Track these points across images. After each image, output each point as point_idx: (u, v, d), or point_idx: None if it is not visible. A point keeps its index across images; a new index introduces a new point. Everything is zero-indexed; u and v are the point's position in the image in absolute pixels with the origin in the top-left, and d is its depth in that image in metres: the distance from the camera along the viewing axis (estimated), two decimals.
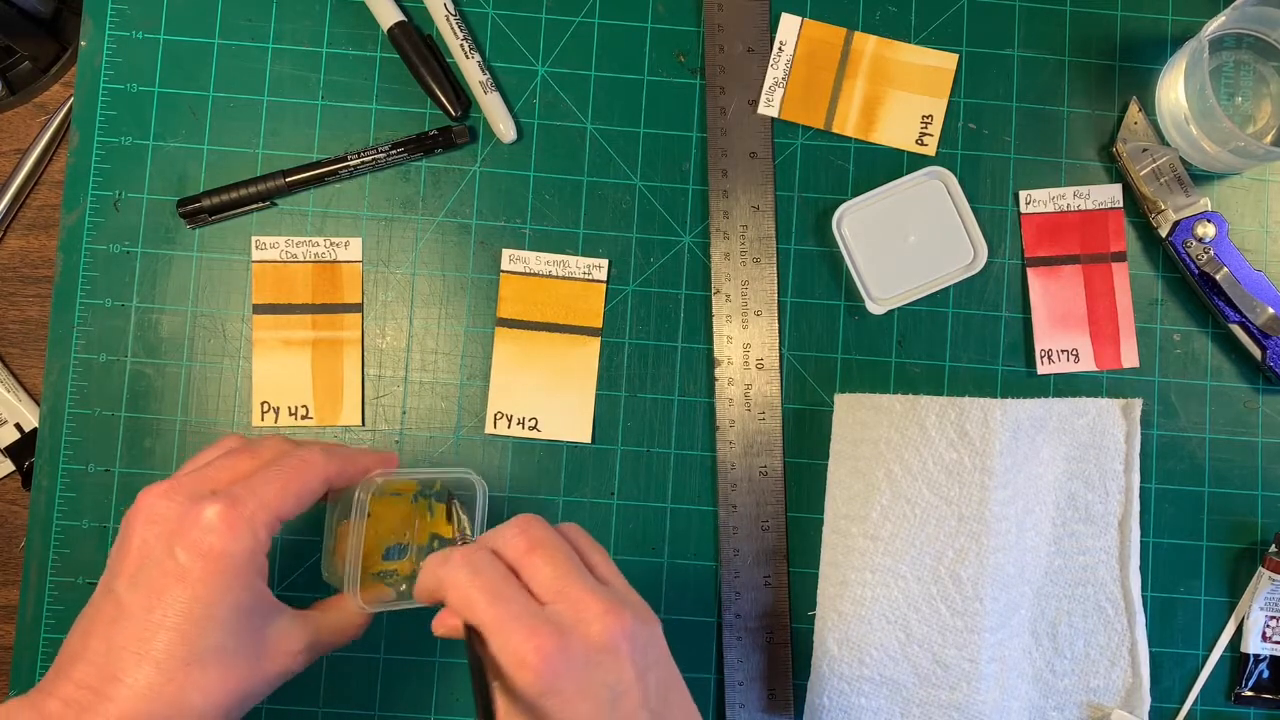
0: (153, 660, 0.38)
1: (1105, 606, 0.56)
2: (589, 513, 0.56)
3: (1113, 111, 0.59)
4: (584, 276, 0.57)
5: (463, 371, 0.57)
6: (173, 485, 0.41)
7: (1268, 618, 0.56)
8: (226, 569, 0.39)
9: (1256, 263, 0.58)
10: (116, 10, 0.57)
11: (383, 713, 0.55)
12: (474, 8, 0.58)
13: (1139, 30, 0.59)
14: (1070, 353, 0.57)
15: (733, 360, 0.57)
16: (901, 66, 0.58)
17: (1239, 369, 0.58)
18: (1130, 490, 0.56)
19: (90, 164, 0.57)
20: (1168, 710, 0.56)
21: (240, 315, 0.57)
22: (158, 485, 0.41)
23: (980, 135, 0.58)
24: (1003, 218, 0.58)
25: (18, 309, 0.59)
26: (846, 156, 0.58)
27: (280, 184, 0.56)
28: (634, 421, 0.57)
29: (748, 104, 0.58)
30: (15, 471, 0.58)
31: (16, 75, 0.59)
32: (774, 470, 0.56)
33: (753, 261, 0.57)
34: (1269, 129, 0.58)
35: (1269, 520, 0.57)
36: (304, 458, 0.43)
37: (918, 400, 0.54)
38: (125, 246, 0.57)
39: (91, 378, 0.56)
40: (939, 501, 0.53)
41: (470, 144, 0.58)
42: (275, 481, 0.42)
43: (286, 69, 0.58)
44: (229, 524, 0.40)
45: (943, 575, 0.52)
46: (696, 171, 0.58)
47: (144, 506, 0.41)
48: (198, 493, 0.41)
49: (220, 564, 0.39)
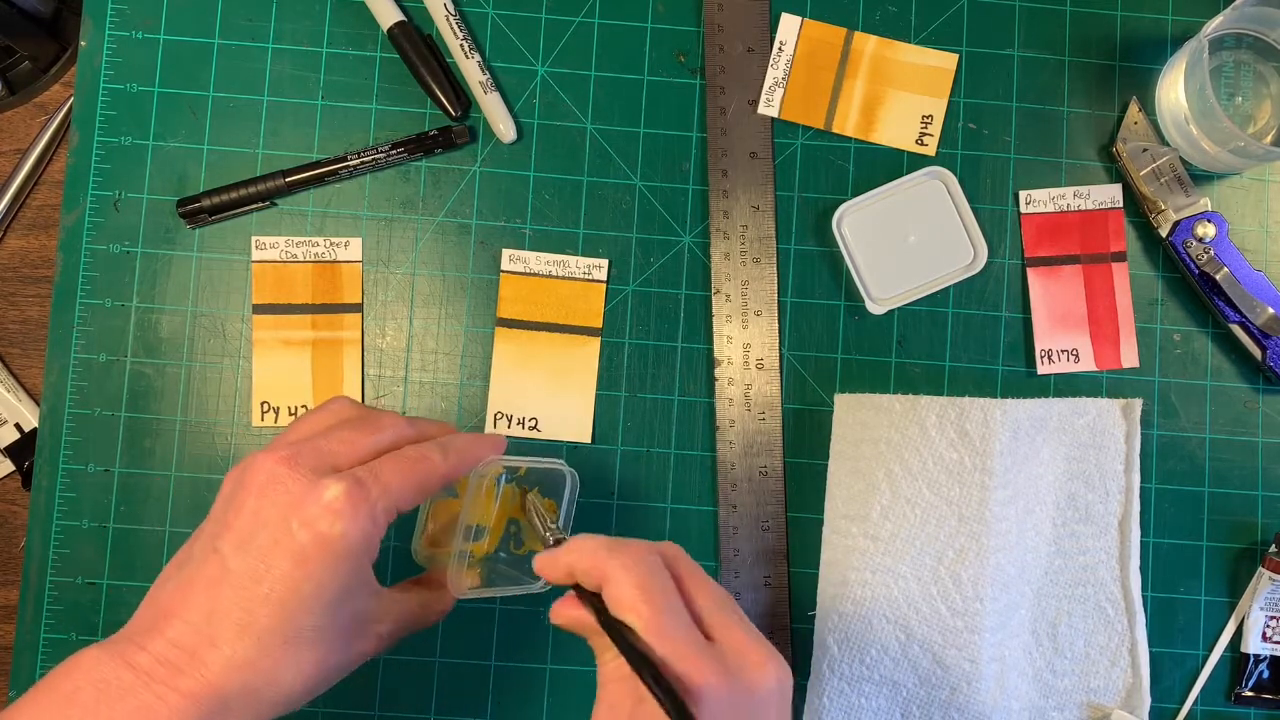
0: (254, 633, 0.37)
1: (1105, 606, 0.56)
2: (589, 513, 0.56)
3: (1113, 111, 0.59)
4: (584, 276, 0.57)
5: (463, 371, 0.57)
6: (294, 455, 0.39)
7: (1268, 618, 0.56)
8: (342, 553, 0.38)
9: (1256, 263, 0.58)
10: (116, 10, 0.57)
11: (383, 713, 0.55)
12: (474, 8, 0.58)
13: (1139, 30, 0.59)
14: (1070, 353, 0.57)
15: (733, 360, 0.57)
16: (901, 66, 0.58)
17: (1239, 369, 0.58)
18: (1130, 490, 0.56)
19: (90, 164, 0.57)
20: (1168, 710, 0.56)
21: (240, 315, 0.57)
22: (276, 450, 0.40)
23: (980, 135, 0.58)
24: (1003, 218, 0.58)
25: (18, 309, 0.59)
26: (846, 156, 0.58)
27: (280, 184, 0.56)
28: (634, 421, 0.57)
29: (748, 104, 0.58)
30: (15, 471, 0.58)
31: (16, 75, 0.59)
32: (774, 470, 0.56)
33: (753, 261, 0.57)
34: (1269, 129, 0.58)
35: (1269, 520, 0.57)
36: (427, 455, 0.42)
37: (918, 400, 0.54)
38: (125, 246, 0.57)
39: (91, 378, 0.56)
40: (939, 501, 0.53)
41: (470, 144, 0.58)
42: (400, 474, 0.40)
43: (286, 69, 0.58)
44: (353, 508, 0.38)
45: (943, 575, 0.52)
46: (696, 171, 0.58)
47: (262, 471, 0.39)
48: (320, 468, 0.39)
49: (337, 547, 0.38)
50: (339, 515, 0.38)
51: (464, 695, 0.55)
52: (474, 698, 0.55)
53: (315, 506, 0.38)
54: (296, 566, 0.38)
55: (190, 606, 0.38)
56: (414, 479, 0.41)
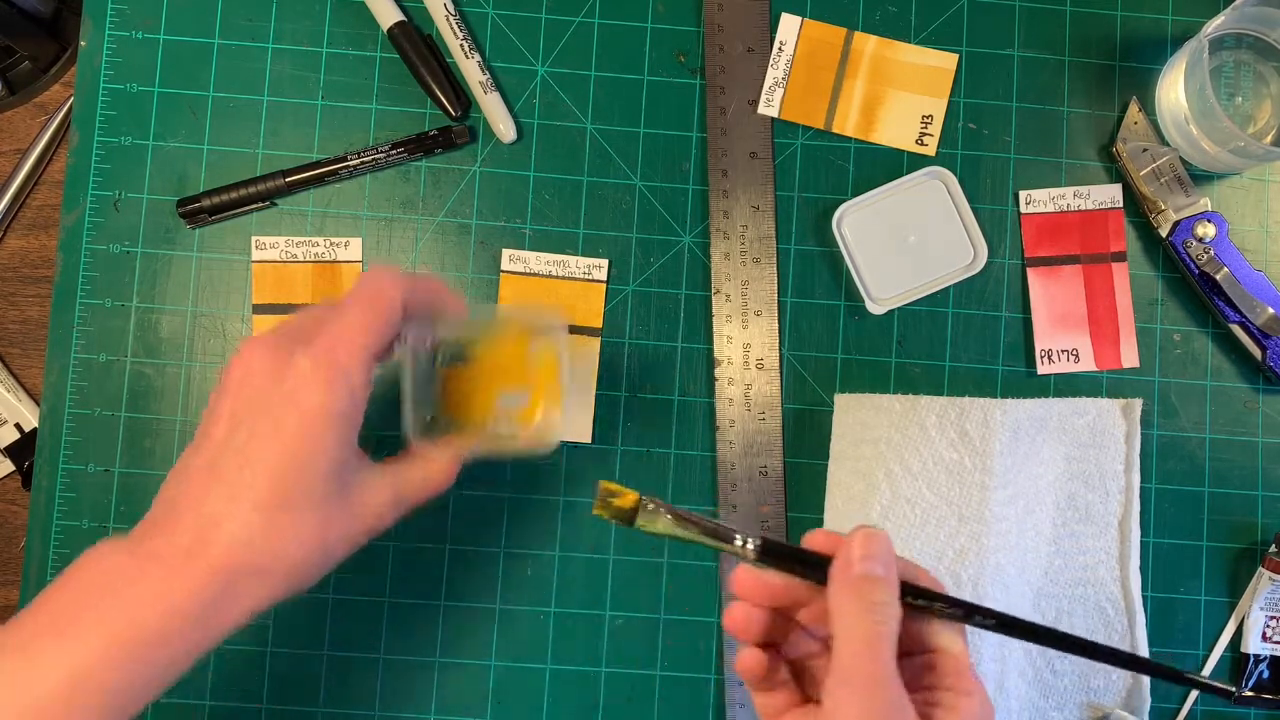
0: (254, 506, 0.39)
1: (1105, 606, 0.56)
2: (589, 512, 0.56)
3: (1113, 111, 0.59)
4: (584, 276, 0.57)
5: None
6: (269, 338, 0.41)
7: (1268, 618, 0.56)
8: (325, 420, 0.40)
9: (1256, 263, 0.58)
10: (116, 10, 0.57)
11: (383, 713, 0.55)
12: (474, 8, 0.58)
13: (1139, 30, 0.59)
14: (1070, 353, 0.57)
15: (733, 360, 0.57)
16: (901, 66, 0.58)
17: (1239, 369, 0.58)
18: (1130, 490, 0.56)
19: (90, 164, 0.57)
20: (1168, 710, 0.56)
21: (240, 315, 0.57)
22: (258, 337, 0.42)
23: (980, 135, 0.58)
24: (1003, 218, 0.58)
25: (18, 309, 0.59)
26: (846, 156, 0.58)
27: (280, 184, 0.56)
28: (634, 421, 0.57)
29: (748, 104, 0.58)
30: (15, 471, 0.58)
31: (16, 75, 0.59)
32: (774, 470, 0.56)
33: (753, 261, 0.57)
34: (1269, 129, 0.58)
35: (1269, 520, 0.57)
36: (373, 284, 0.43)
37: (918, 400, 0.54)
38: (125, 246, 0.57)
39: (91, 378, 0.56)
40: (939, 502, 0.53)
41: (470, 144, 0.58)
42: (356, 319, 0.42)
43: (286, 69, 0.58)
44: (324, 374, 0.40)
45: (943, 575, 0.52)
46: (696, 171, 0.58)
47: (243, 358, 0.41)
48: (291, 343, 0.41)
49: (319, 416, 0.40)
50: (313, 384, 0.40)
51: (464, 695, 0.55)
52: (474, 697, 0.55)
53: (292, 380, 0.40)
54: (285, 439, 0.40)
55: (191, 495, 0.40)
56: (374, 318, 0.42)
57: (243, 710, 0.55)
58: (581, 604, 0.56)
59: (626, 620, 0.56)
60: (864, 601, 0.36)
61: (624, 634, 0.56)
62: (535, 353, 0.47)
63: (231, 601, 0.39)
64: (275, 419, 0.40)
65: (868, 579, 0.37)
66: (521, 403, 0.47)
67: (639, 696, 0.56)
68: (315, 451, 0.40)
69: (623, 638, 0.56)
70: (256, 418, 0.40)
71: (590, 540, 0.56)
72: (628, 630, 0.56)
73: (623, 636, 0.56)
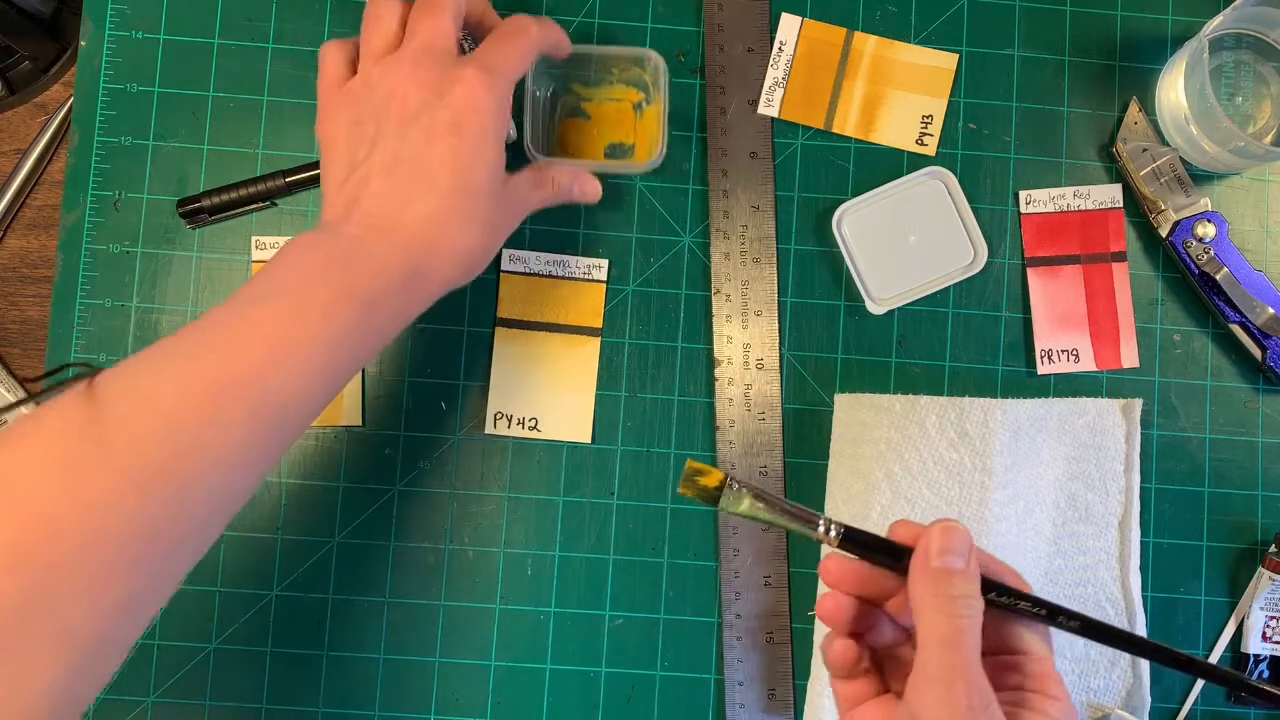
0: (438, 192, 0.44)
1: (1105, 606, 0.56)
2: (589, 513, 0.56)
3: (1113, 111, 0.59)
4: (584, 276, 0.57)
5: (462, 372, 0.57)
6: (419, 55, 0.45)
7: (1268, 618, 0.56)
8: (488, 122, 0.45)
9: (1256, 263, 0.58)
10: (116, 10, 0.57)
11: (383, 713, 0.55)
12: None
13: (1139, 30, 0.59)
14: (1070, 353, 0.57)
15: (733, 360, 0.57)
16: (901, 66, 0.58)
17: (1239, 369, 0.58)
18: (1130, 490, 0.56)
19: (90, 164, 0.57)
20: (1168, 710, 0.56)
21: None
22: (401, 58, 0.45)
23: (980, 135, 0.58)
24: (1003, 218, 0.58)
25: (18, 309, 0.59)
26: (846, 156, 0.58)
27: (280, 184, 0.56)
28: (634, 421, 0.57)
29: (748, 104, 0.58)
30: None
31: (16, 75, 0.59)
32: (774, 470, 0.56)
33: (753, 261, 0.57)
34: (1269, 129, 0.58)
35: (1269, 520, 0.57)
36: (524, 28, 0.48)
37: (918, 400, 0.54)
38: (125, 246, 0.57)
39: None
40: (939, 501, 0.53)
41: None
42: (513, 49, 0.47)
43: (286, 69, 0.58)
44: (487, 85, 0.45)
45: None
46: (696, 171, 0.58)
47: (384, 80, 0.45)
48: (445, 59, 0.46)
49: (484, 118, 0.45)
50: (478, 92, 0.45)
51: (464, 695, 0.55)
52: (474, 697, 0.55)
53: (459, 87, 0.45)
54: (456, 136, 0.44)
55: (374, 188, 0.44)
56: (525, 52, 0.48)
57: (243, 710, 0.55)
58: (581, 604, 0.56)
59: (626, 620, 0.56)
60: (944, 595, 0.36)
61: (624, 634, 0.56)
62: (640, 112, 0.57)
63: (425, 278, 0.44)
64: (448, 120, 0.44)
65: (947, 571, 0.37)
66: (628, 153, 0.57)
67: (639, 696, 0.56)
68: (481, 146, 0.45)
69: (623, 638, 0.56)
70: (429, 120, 0.44)
71: (590, 540, 0.56)
72: (628, 630, 0.56)
73: (623, 636, 0.56)
